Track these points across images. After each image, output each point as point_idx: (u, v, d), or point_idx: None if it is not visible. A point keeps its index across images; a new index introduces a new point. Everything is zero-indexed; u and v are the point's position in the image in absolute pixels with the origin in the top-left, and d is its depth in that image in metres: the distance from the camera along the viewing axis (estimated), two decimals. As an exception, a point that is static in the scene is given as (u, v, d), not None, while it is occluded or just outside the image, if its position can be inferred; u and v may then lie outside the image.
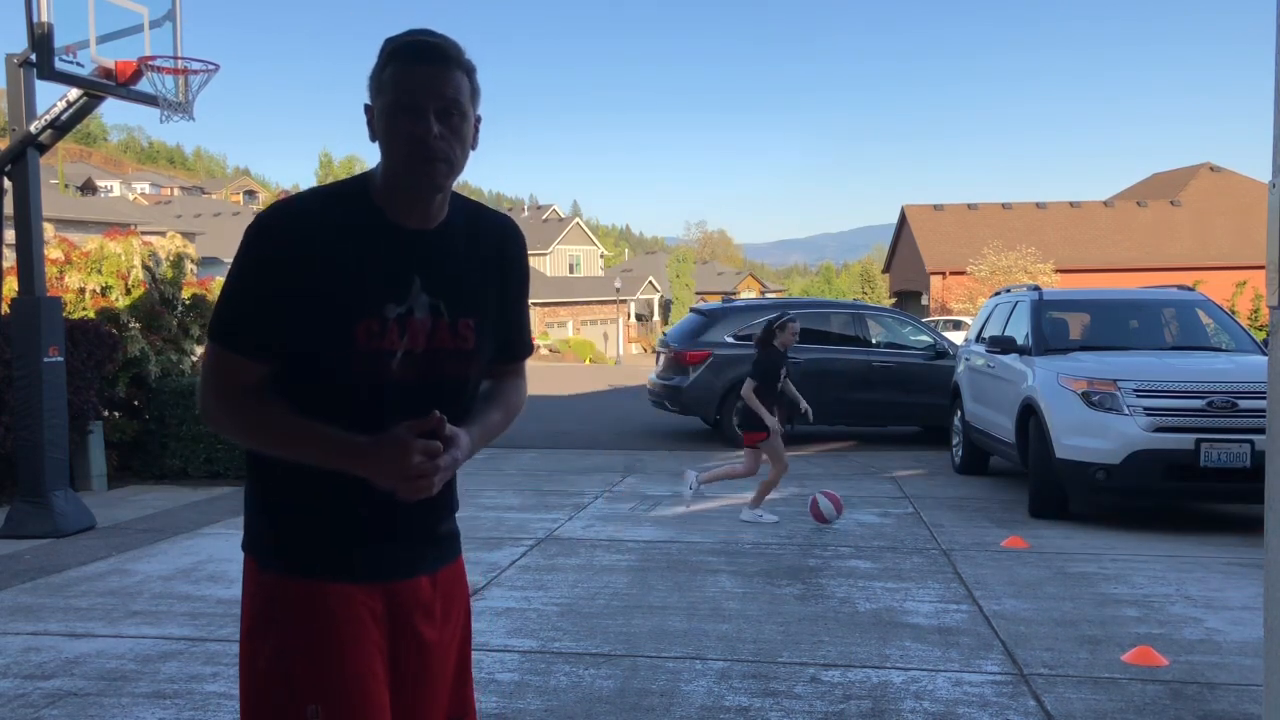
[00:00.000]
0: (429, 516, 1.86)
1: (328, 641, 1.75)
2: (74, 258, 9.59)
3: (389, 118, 1.70)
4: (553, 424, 14.65)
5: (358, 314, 1.70)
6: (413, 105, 1.69)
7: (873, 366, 12.23)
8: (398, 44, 1.73)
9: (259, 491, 1.84)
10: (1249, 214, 38.47)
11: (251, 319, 1.72)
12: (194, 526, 7.19)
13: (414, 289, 1.75)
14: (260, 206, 69.73)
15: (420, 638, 1.84)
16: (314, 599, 1.76)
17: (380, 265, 1.73)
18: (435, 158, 1.70)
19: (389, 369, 1.74)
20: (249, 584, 1.82)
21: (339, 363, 1.72)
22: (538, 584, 5.67)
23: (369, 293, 1.72)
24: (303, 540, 1.79)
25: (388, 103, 1.70)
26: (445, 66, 1.72)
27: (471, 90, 1.76)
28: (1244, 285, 23.92)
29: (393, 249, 1.75)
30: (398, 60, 1.71)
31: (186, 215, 56.75)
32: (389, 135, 1.71)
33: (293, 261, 1.68)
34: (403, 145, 1.70)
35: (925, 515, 7.73)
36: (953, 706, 3.88)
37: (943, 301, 38.66)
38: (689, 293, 65.46)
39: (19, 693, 3.97)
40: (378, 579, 1.81)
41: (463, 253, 1.83)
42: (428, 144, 1.69)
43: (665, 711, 3.82)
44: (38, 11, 6.46)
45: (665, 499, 8.42)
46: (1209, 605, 5.29)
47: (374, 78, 1.74)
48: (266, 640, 1.76)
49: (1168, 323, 8.99)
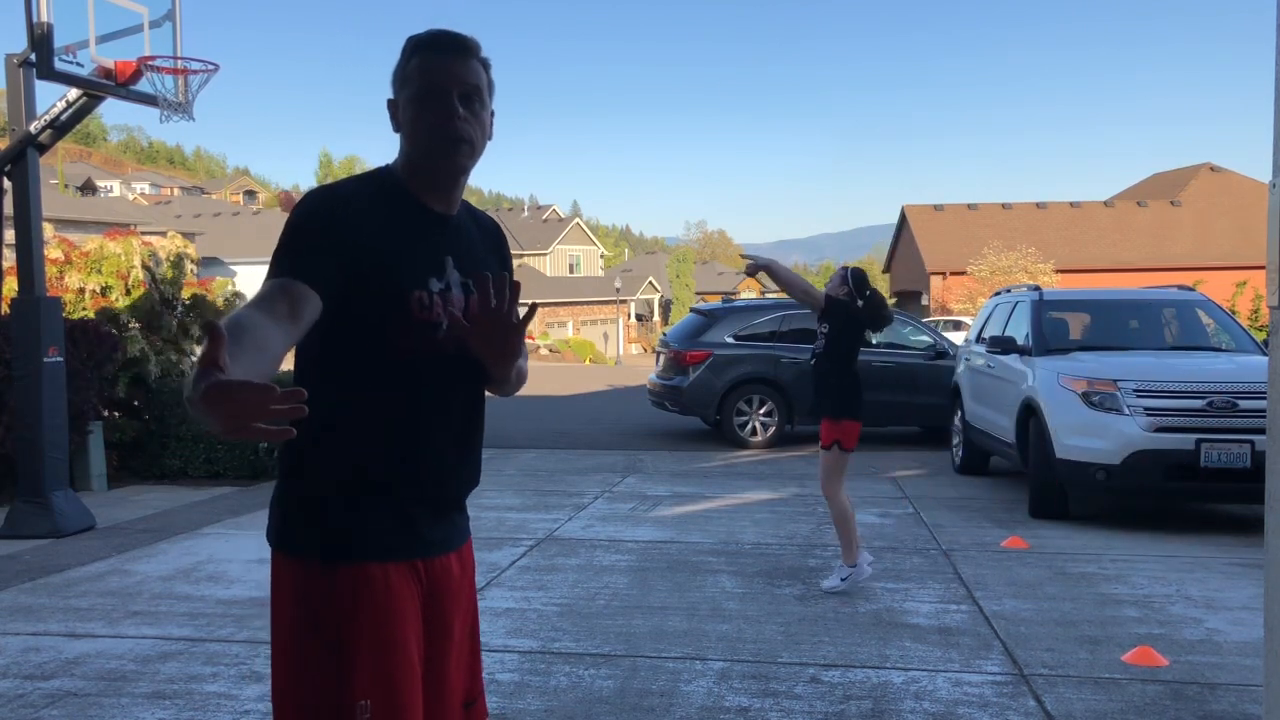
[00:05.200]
0: (463, 484, 1.94)
1: (388, 629, 1.75)
2: (74, 258, 9.59)
3: (416, 104, 1.82)
4: (553, 424, 14.65)
5: (409, 284, 1.78)
6: (438, 90, 1.81)
7: (873, 366, 12.22)
8: (421, 38, 1.86)
9: (298, 482, 1.83)
10: (1249, 214, 38.46)
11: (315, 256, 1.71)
12: (194, 526, 7.19)
13: (448, 267, 1.86)
14: (260, 206, 69.79)
15: (447, 620, 1.88)
16: (370, 584, 1.75)
17: (421, 242, 1.83)
18: (460, 138, 1.82)
19: (436, 341, 1.81)
20: (286, 580, 1.79)
21: (398, 332, 1.78)
22: (538, 584, 5.66)
23: (417, 265, 1.81)
24: (351, 524, 1.78)
25: (414, 91, 1.82)
26: (466, 56, 1.85)
27: (489, 82, 1.90)
28: (1244, 285, 23.93)
29: (428, 229, 1.86)
30: (422, 51, 1.84)
31: (186, 215, 56.73)
32: (416, 121, 1.82)
33: (348, 228, 1.75)
34: (429, 127, 1.81)
35: (925, 515, 7.73)
36: (953, 707, 3.88)
37: (943, 302, 38.64)
38: (689, 293, 65.45)
39: (19, 693, 3.97)
40: (424, 555, 1.84)
41: (477, 240, 1.97)
42: (454, 125, 1.81)
43: (665, 712, 3.82)
44: (38, 11, 6.46)
45: (665, 499, 8.42)
46: (1209, 605, 5.29)
47: (398, 72, 1.87)
48: (317, 634, 1.74)
49: (1168, 323, 8.99)
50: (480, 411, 1.97)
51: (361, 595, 1.74)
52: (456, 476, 1.91)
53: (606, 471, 10.00)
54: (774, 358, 12.13)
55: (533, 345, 46.37)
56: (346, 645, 1.72)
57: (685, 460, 10.92)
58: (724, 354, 12.16)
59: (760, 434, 12.04)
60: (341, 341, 1.77)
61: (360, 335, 1.76)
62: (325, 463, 1.80)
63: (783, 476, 9.71)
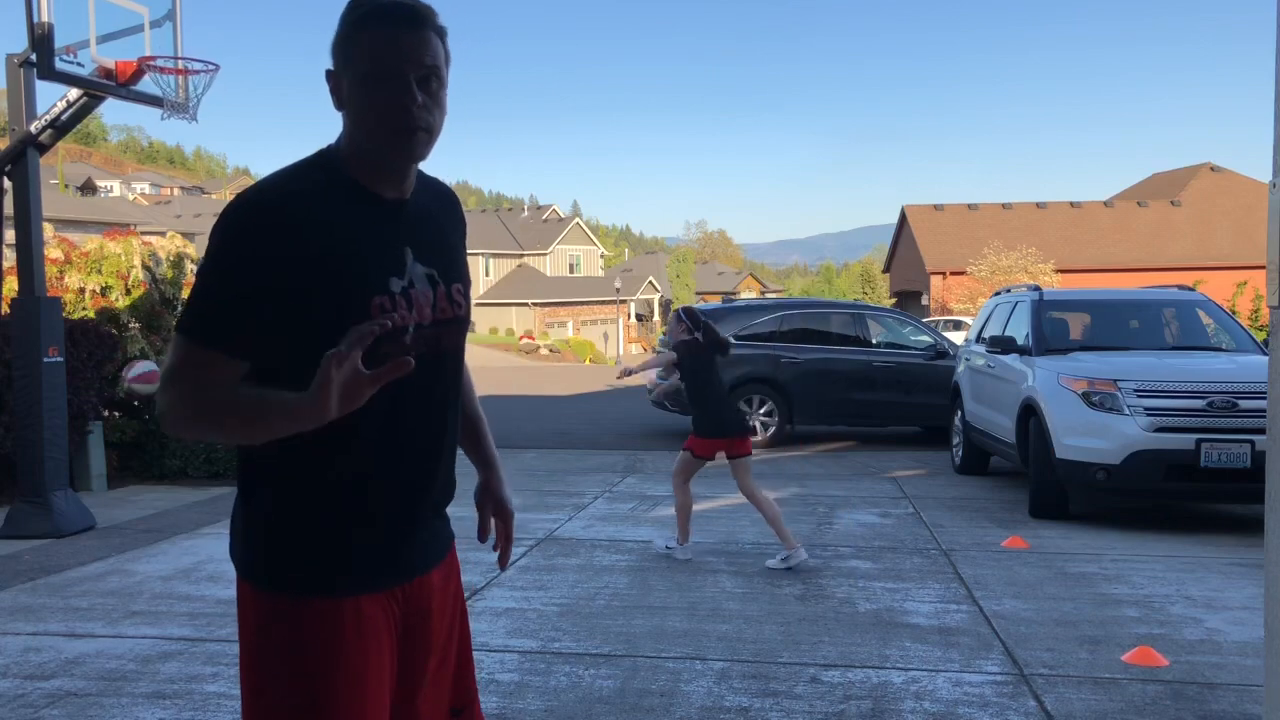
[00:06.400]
0: (442, 491, 1.82)
1: (360, 663, 1.66)
2: (74, 258, 9.59)
3: (367, 87, 1.61)
4: (553, 424, 14.65)
5: (368, 289, 1.62)
6: (392, 73, 1.60)
7: (873, 366, 12.23)
8: (370, 7, 1.62)
9: (261, 511, 1.70)
10: (1249, 214, 38.50)
11: (239, 316, 1.58)
12: (194, 526, 7.19)
13: (409, 261, 1.69)
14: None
15: (427, 637, 1.80)
16: (340, 619, 1.65)
17: (374, 240, 1.65)
18: (417, 127, 1.63)
19: (405, 345, 1.65)
20: (251, 610, 1.68)
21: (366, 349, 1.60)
22: (538, 584, 5.66)
23: (371, 270, 1.64)
24: (319, 555, 1.66)
25: (365, 71, 1.61)
26: (422, 30, 1.63)
27: (446, 55, 1.69)
28: (1244, 285, 23.93)
29: (382, 222, 1.68)
30: (372, 24, 1.61)
31: (186, 215, 56.76)
32: (367, 106, 1.62)
33: (284, 261, 1.56)
34: (383, 115, 1.62)
35: (925, 515, 7.73)
36: (953, 707, 3.88)
37: (943, 301, 38.67)
38: (689, 293, 65.54)
39: (19, 693, 3.97)
40: (398, 582, 1.74)
41: (437, 218, 1.80)
42: (411, 113, 1.61)
43: (665, 712, 3.82)
44: (38, 11, 6.46)
45: (665, 499, 8.41)
46: (1209, 605, 5.29)
47: (341, 43, 1.64)
48: (285, 666, 1.65)
49: (1168, 323, 8.99)
50: (456, 412, 1.84)
51: (334, 632, 1.64)
52: (435, 483, 1.78)
53: (606, 471, 10.00)
54: (774, 358, 12.13)
55: (533, 345, 46.35)
56: (319, 678, 1.64)
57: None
58: (724, 354, 12.15)
59: (760, 434, 12.02)
60: (303, 350, 1.56)
61: (322, 344, 1.50)
62: (294, 482, 1.67)
63: (783, 476, 9.71)
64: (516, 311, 55.75)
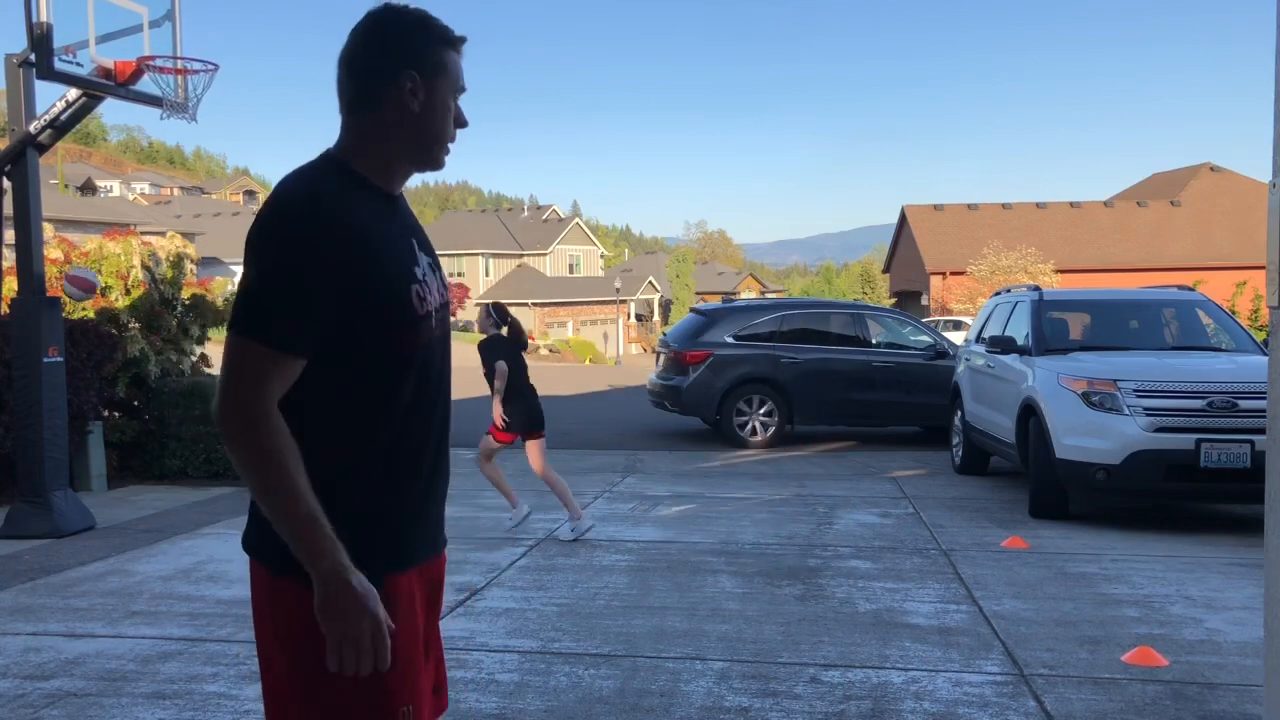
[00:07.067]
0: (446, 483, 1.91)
1: (412, 636, 1.73)
2: (74, 258, 9.58)
3: (450, 104, 1.78)
4: (552, 424, 14.56)
5: (407, 282, 1.73)
6: (459, 96, 1.81)
7: (873, 366, 12.23)
8: (446, 29, 1.78)
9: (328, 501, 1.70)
10: (1249, 214, 38.49)
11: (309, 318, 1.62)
12: (194, 526, 7.19)
13: (416, 250, 1.81)
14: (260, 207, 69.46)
15: (434, 618, 1.88)
16: (397, 597, 1.71)
17: (397, 235, 1.78)
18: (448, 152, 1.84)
19: (431, 329, 1.78)
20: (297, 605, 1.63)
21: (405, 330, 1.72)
22: (538, 584, 5.67)
23: (404, 262, 1.75)
24: (362, 536, 1.68)
25: (449, 86, 1.77)
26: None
27: None
28: (1244, 285, 23.93)
29: (394, 217, 1.80)
30: (457, 47, 1.79)
31: (186, 215, 56.75)
32: (438, 117, 1.77)
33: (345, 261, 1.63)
34: (445, 129, 1.79)
35: (925, 515, 7.73)
36: (953, 707, 3.88)
37: (943, 302, 38.67)
38: (689, 293, 65.52)
39: (19, 693, 3.97)
40: (424, 559, 1.82)
41: (412, 213, 1.91)
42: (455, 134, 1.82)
43: (665, 712, 3.82)
44: (37, 11, 6.45)
45: (665, 499, 8.42)
46: (1209, 605, 5.29)
47: (429, 53, 1.75)
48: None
49: (1168, 323, 8.99)
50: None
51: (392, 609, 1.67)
52: (448, 459, 1.88)
53: (607, 471, 10.00)
54: (774, 358, 12.13)
55: (533, 345, 46.36)
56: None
57: (685, 460, 10.92)
58: (724, 354, 12.16)
59: (760, 434, 12.04)
60: (345, 346, 1.66)
61: (366, 339, 1.67)
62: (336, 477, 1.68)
63: (783, 476, 9.71)
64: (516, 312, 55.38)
